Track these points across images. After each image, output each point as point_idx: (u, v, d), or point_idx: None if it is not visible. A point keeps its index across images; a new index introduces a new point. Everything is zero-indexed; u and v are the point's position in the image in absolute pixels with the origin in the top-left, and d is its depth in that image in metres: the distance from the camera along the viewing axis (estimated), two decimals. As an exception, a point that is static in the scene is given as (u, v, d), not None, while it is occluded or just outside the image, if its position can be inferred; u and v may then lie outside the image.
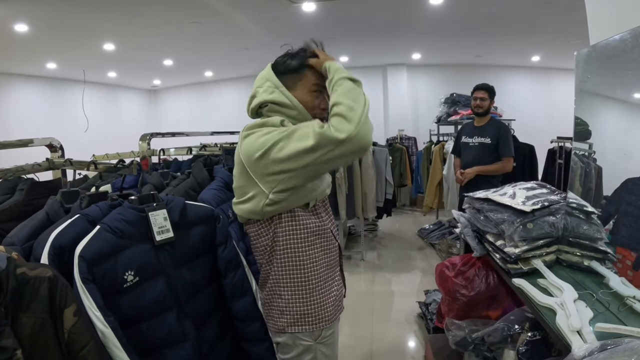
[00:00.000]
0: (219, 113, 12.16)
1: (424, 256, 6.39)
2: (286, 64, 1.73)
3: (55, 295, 1.18)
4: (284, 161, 1.49)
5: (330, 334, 1.79)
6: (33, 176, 2.04)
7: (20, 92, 9.42)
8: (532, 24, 6.86)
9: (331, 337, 1.80)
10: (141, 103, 13.32)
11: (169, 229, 1.54)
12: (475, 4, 6.06)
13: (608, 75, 2.20)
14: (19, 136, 2.11)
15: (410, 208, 9.75)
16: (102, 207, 1.53)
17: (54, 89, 10.15)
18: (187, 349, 1.57)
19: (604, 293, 1.74)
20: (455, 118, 6.95)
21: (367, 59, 9.89)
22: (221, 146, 3.31)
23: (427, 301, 4.10)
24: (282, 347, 1.78)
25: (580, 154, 2.42)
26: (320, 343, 1.75)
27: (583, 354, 1.21)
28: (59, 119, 9.74)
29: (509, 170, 4.58)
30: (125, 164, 1.99)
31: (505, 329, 2.12)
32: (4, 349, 0.99)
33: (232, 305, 1.75)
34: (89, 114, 8.56)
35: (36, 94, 9.81)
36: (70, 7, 5.42)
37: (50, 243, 1.36)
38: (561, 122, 5.65)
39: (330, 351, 1.81)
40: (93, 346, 1.23)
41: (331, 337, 1.80)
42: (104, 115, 11.16)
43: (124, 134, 8.48)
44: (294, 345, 1.74)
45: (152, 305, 1.48)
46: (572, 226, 2.06)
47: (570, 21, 6.18)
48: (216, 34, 7.27)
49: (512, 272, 2.01)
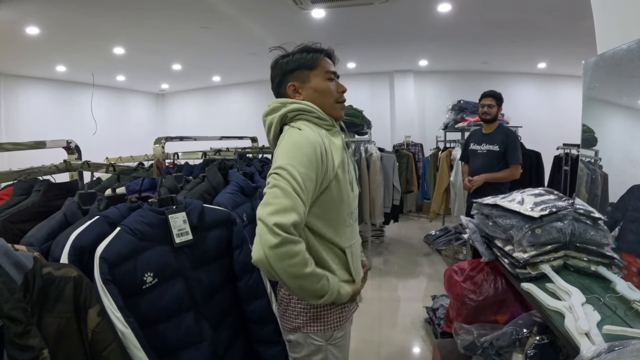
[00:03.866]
0: (225, 118, 12.21)
1: (430, 262, 6.40)
2: (299, 59, 1.74)
3: (80, 295, 1.20)
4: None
5: (342, 336, 1.80)
6: (49, 177, 2.07)
7: (29, 95, 9.46)
8: (539, 31, 6.86)
9: (342, 339, 1.81)
10: (149, 107, 13.35)
11: (188, 231, 1.57)
12: (482, 11, 6.07)
13: (615, 83, 2.21)
14: (28, 138, 2.12)
15: (417, 214, 9.74)
16: (121, 209, 1.55)
17: (63, 92, 10.20)
18: (203, 351, 1.58)
19: (611, 297, 1.75)
20: (463, 125, 6.96)
21: (374, 65, 9.92)
22: (235, 150, 3.34)
23: (434, 306, 4.11)
24: (293, 346, 1.79)
25: (586, 160, 2.43)
26: (331, 344, 1.76)
27: (592, 356, 1.23)
28: (67, 122, 9.76)
29: (516, 177, 4.58)
30: (145, 166, 2.01)
31: (513, 333, 2.13)
32: (31, 348, 1.00)
33: (246, 308, 1.77)
34: (97, 117, 8.59)
35: (45, 97, 9.85)
36: (82, 10, 5.46)
37: (71, 244, 1.38)
38: (567, 129, 5.68)
39: (341, 353, 1.82)
40: (116, 346, 1.24)
41: (342, 339, 1.81)
42: (112, 118, 11.20)
43: (132, 138, 8.54)
44: (305, 344, 1.75)
45: (170, 306, 1.50)
46: (579, 232, 2.07)
47: (576, 28, 6.21)
48: (225, 39, 7.30)
49: (520, 277, 2.03)
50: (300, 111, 1.69)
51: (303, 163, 1.49)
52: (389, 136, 10.56)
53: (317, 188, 1.55)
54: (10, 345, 0.99)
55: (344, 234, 1.72)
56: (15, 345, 0.99)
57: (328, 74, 1.76)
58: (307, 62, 1.73)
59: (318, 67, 1.75)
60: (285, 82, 1.75)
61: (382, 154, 6.39)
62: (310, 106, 1.70)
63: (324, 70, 1.75)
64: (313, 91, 1.74)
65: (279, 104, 1.74)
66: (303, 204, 1.45)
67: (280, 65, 1.77)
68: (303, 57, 1.74)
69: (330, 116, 1.78)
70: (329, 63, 1.78)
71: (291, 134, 1.61)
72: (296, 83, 1.74)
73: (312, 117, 1.70)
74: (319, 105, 1.73)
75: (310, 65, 1.74)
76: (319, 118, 1.71)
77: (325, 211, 1.63)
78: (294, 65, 1.74)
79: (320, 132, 1.66)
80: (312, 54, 1.75)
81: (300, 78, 1.73)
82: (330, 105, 1.77)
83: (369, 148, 6.30)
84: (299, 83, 1.74)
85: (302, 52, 1.75)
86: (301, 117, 1.69)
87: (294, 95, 1.74)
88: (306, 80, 1.73)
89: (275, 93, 1.81)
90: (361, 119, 6.41)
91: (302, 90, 1.74)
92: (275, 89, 1.81)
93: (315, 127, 1.68)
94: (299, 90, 1.74)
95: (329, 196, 1.62)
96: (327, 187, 1.60)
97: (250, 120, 7.65)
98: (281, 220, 1.38)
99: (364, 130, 6.60)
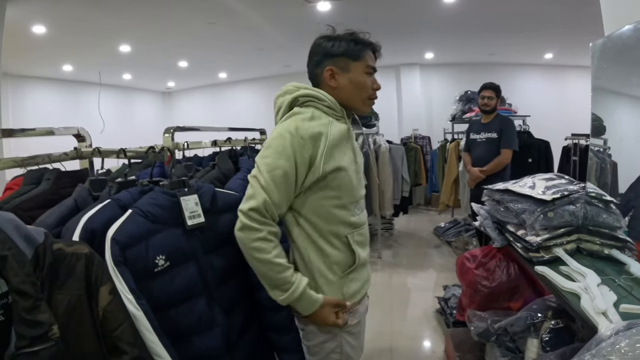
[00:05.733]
0: (232, 115, 12.16)
1: (440, 254, 6.39)
2: (346, 47, 1.72)
3: (91, 272, 1.18)
4: None
5: (356, 324, 1.79)
6: (59, 165, 2.07)
7: (36, 94, 9.53)
8: (545, 21, 6.84)
9: (357, 327, 1.80)
10: (155, 105, 13.42)
11: (200, 214, 1.56)
12: (488, 3, 6.06)
13: (623, 64, 2.20)
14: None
15: (425, 207, 9.69)
16: (132, 192, 1.54)
17: (70, 91, 10.27)
18: (216, 336, 1.57)
19: (625, 279, 1.75)
20: (470, 115, 6.92)
21: (380, 59, 9.79)
22: (246, 139, 3.34)
23: (446, 296, 4.09)
24: (307, 334, 1.78)
25: (595, 149, 2.42)
26: (345, 332, 1.74)
27: (610, 334, 1.21)
28: (74, 121, 9.69)
29: (507, 161, 4.74)
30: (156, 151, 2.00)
31: (528, 318, 2.13)
32: (40, 323, 0.97)
33: (259, 295, 1.75)
34: (104, 116, 8.63)
35: (53, 97, 9.94)
36: (88, 7, 5.48)
37: (82, 226, 1.36)
38: (574, 119, 5.64)
39: (356, 341, 1.81)
40: (127, 326, 1.22)
41: (357, 326, 1.80)
42: (119, 117, 11.27)
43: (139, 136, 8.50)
44: (319, 332, 1.74)
45: (182, 290, 1.49)
46: (591, 215, 2.07)
47: (582, 17, 6.18)
48: (231, 35, 7.31)
49: (534, 260, 2.02)
50: (311, 97, 1.69)
51: (278, 151, 1.57)
52: (397, 130, 10.55)
53: (300, 174, 1.59)
54: (19, 321, 0.96)
55: (349, 223, 1.73)
56: (24, 321, 0.96)
57: (368, 68, 1.75)
58: (352, 52, 1.71)
59: (361, 60, 1.73)
60: (325, 64, 1.72)
61: (391, 145, 6.40)
62: (322, 94, 1.69)
63: (366, 64, 1.74)
64: (349, 82, 1.72)
65: (292, 87, 1.74)
66: (264, 192, 1.56)
67: (323, 46, 1.73)
68: (350, 46, 1.72)
69: (358, 110, 1.81)
70: (372, 58, 1.77)
71: (287, 124, 1.63)
72: (335, 68, 1.71)
73: (322, 105, 1.69)
74: (351, 97, 1.75)
75: (355, 56, 1.72)
76: (329, 107, 1.70)
77: (324, 198, 1.65)
78: (338, 51, 1.71)
79: (327, 119, 1.67)
80: (360, 45, 1.73)
81: (341, 65, 1.72)
82: (362, 100, 1.77)
83: (377, 140, 6.29)
84: (337, 69, 1.72)
85: (350, 41, 1.73)
86: (310, 103, 1.69)
87: (329, 79, 1.72)
88: (346, 69, 1.72)
89: (310, 72, 1.79)
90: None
91: (338, 77, 1.72)
92: (311, 67, 1.78)
93: (324, 115, 1.68)
94: (335, 76, 1.72)
95: (329, 182, 1.64)
96: (326, 174, 1.61)
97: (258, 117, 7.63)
98: (242, 207, 1.58)
99: (372, 122, 6.58)
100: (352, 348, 1.79)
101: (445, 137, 8.41)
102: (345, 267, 1.73)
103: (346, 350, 1.76)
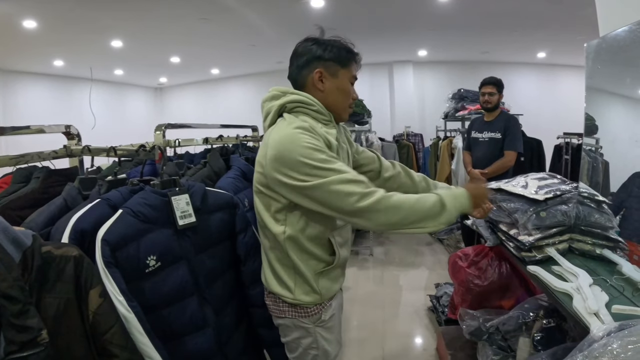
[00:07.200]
0: (225, 111, 12.09)
1: (432, 251, 6.40)
2: (337, 54, 1.73)
3: (80, 275, 1.17)
4: None
5: (330, 318, 1.78)
6: (49, 164, 2.05)
7: (27, 90, 9.47)
8: (539, 20, 6.84)
9: (331, 321, 1.79)
10: (147, 101, 13.34)
11: (191, 213, 1.55)
12: (481, 1, 6.06)
13: (617, 65, 2.20)
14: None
15: (417, 204, 9.69)
16: (122, 192, 1.53)
17: (61, 87, 10.19)
18: (207, 336, 1.58)
19: (617, 279, 1.74)
20: (463, 113, 6.91)
21: (373, 56, 9.82)
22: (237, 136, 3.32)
23: (438, 294, 4.09)
24: (283, 329, 1.79)
25: (587, 149, 2.42)
26: (319, 326, 1.75)
27: (602, 334, 1.21)
28: (66, 117, 9.63)
29: (511, 164, 4.43)
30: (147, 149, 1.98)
31: (520, 317, 2.13)
32: (29, 328, 0.96)
33: (250, 292, 1.75)
34: (95, 111, 8.58)
35: (44, 92, 9.87)
36: (79, 2, 5.43)
37: (71, 227, 1.35)
38: (567, 118, 5.66)
39: (331, 335, 1.81)
40: (118, 329, 1.21)
41: (331, 320, 1.79)
42: (110, 113, 11.17)
43: (131, 132, 8.49)
44: (294, 327, 1.74)
45: (174, 290, 1.49)
46: (583, 215, 2.06)
47: (576, 17, 6.20)
48: (224, 31, 7.27)
49: (526, 260, 2.02)
50: (300, 103, 1.69)
51: (313, 147, 1.53)
52: (389, 127, 10.51)
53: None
54: (7, 326, 0.95)
55: (333, 225, 1.73)
56: (13, 326, 0.95)
57: (352, 78, 1.79)
58: (342, 59, 1.73)
59: (348, 68, 1.76)
60: (314, 65, 1.71)
61: (384, 143, 6.40)
62: (310, 99, 1.69)
63: (351, 73, 1.78)
64: (336, 88, 1.74)
65: (279, 92, 1.73)
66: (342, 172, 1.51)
67: (312, 49, 1.73)
68: (340, 53, 1.73)
69: (339, 116, 1.81)
70: (356, 68, 1.80)
71: (284, 127, 1.61)
72: (324, 71, 1.71)
73: (311, 110, 1.69)
74: (336, 103, 1.76)
75: (343, 62, 1.74)
76: (317, 112, 1.70)
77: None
78: (329, 56, 1.71)
79: (316, 125, 1.67)
80: (348, 53, 1.76)
81: (330, 70, 1.72)
82: (344, 107, 1.80)
83: (369, 137, 6.28)
84: (326, 73, 1.72)
85: (340, 48, 1.74)
86: (299, 108, 1.69)
87: (317, 81, 1.72)
88: (334, 75, 1.73)
89: (294, 71, 1.78)
90: (362, 108, 6.42)
91: (326, 81, 1.72)
92: (297, 67, 1.76)
93: (312, 120, 1.68)
94: (323, 79, 1.72)
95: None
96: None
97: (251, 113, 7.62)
98: (350, 201, 1.48)
99: (364, 120, 6.56)
100: (328, 342, 1.79)
101: (438, 135, 8.41)
102: (325, 265, 1.72)
103: (322, 345, 1.77)
